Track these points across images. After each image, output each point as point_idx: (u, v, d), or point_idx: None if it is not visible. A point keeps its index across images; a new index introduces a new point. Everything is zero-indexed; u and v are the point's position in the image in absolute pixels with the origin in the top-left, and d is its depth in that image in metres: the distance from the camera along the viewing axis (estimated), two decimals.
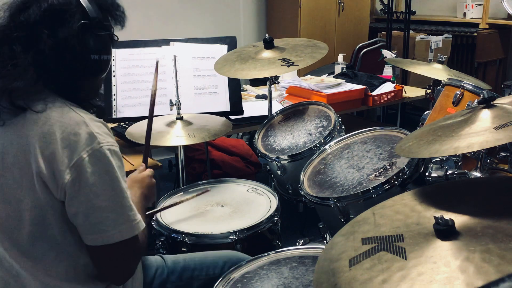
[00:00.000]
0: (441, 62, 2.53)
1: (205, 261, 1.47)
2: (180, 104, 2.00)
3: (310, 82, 3.05)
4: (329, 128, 2.02)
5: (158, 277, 1.42)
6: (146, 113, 1.58)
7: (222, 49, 2.54)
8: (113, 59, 2.39)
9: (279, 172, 2.02)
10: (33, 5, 1.11)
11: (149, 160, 2.21)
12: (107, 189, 1.09)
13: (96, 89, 1.27)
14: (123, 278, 1.21)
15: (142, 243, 1.19)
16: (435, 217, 0.88)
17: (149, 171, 1.47)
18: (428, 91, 2.47)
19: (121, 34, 1.27)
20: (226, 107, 2.45)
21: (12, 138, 1.11)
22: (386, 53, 3.38)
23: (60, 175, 1.06)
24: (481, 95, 1.20)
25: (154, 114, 1.62)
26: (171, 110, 2.02)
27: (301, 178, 1.80)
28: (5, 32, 1.11)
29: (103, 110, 2.39)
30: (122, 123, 2.47)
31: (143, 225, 1.16)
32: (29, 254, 1.13)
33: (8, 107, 1.11)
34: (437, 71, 2.44)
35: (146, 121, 2.04)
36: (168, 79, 2.44)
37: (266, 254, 1.45)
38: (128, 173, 2.09)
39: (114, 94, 2.37)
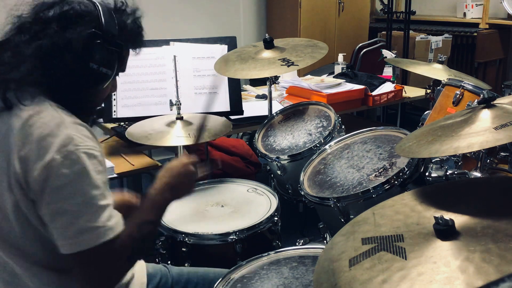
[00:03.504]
0: (441, 62, 2.53)
1: (207, 277, 1.47)
2: (180, 104, 2.00)
3: (310, 82, 3.05)
4: (329, 128, 2.02)
5: (162, 286, 1.42)
6: (146, 113, 1.59)
7: (222, 49, 2.54)
8: None
9: (279, 172, 2.02)
10: (57, 5, 1.14)
11: (149, 160, 2.22)
12: (76, 193, 1.05)
13: (92, 103, 1.24)
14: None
15: (129, 245, 1.12)
16: (435, 217, 0.88)
17: (187, 158, 1.31)
18: (428, 91, 2.47)
19: None
20: (226, 107, 2.45)
21: None
22: (386, 53, 3.38)
23: (30, 174, 1.04)
24: (481, 95, 1.20)
25: (154, 114, 1.61)
26: (171, 110, 2.02)
27: (301, 178, 1.80)
28: (23, 23, 1.14)
29: (103, 110, 2.40)
30: (122, 123, 2.47)
31: (114, 231, 1.08)
32: (24, 251, 1.13)
33: None
34: (437, 71, 2.44)
35: (146, 121, 2.05)
36: (168, 79, 2.44)
37: (266, 254, 1.45)
38: (128, 173, 2.11)
39: (114, 94, 2.37)
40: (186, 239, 1.63)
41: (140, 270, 1.40)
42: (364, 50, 4.47)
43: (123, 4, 1.23)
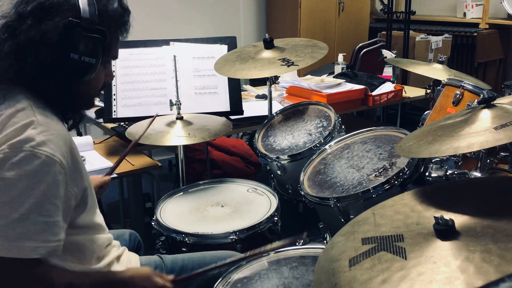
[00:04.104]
0: (441, 62, 2.53)
1: (203, 261, 1.46)
2: (180, 104, 2.00)
3: (310, 82, 3.05)
4: (329, 128, 2.02)
5: None
6: (146, 113, 1.59)
7: (222, 49, 2.54)
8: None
9: (279, 172, 2.01)
10: None
11: (149, 160, 2.22)
12: (6, 191, 1.00)
13: (84, 97, 1.20)
14: None
15: (49, 280, 1.06)
16: (435, 217, 0.88)
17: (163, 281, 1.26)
18: (428, 91, 2.47)
19: None
20: (226, 107, 2.45)
21: None
22: (386, 53, 3.38)
23: None
24: (481, 95, 1.20)
25: (154, 114, 1.60)
26: (171, 110, 2.02)
27: (301, 178, 1.80)
28: (6, 23, 1.12)
29: (102, 110, 2.40)
30: (122, 123, 2.47)
31: (38, 253, 1.02)
32: None
33: None
34: (437, 71, 2.44)
35: (146, 121, 2.05)
36: (168, 79, 2.44)
37: (266, 254, 1.45)
38: (128, 173, 2.11)
39: (114, 94, 2.37)
40: (186, 239, 1.63)
41: (134, 262, 1.39)
42: (364, 50, 4.47)
43: None
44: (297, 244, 1.46)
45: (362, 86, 3.03)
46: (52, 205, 1.04)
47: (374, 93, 3.07)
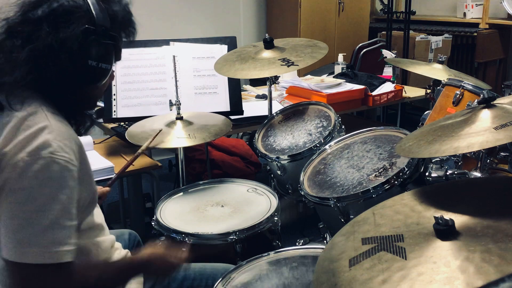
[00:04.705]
0: (441, 62, 2.53)
1: (204, 272, 1.47)
2: (180, 104, 2.00)
3: (310, 82, 3.05)
4: (329, 128, 2.02)
5: (159, 284, 1.42)
6: (146, 113, 1.59)
7: (222, 49, 2.54)
8: None
9: (279, 172, 2.01)
10: (44, 3, 1.10)
11: (149, 160, 2.22)
12: (34, 200, 1.00)
13: (91, 100, 1.23)
14: None
15: (73, 281, 1.07)
16: (435, 217, 0.88)
17: (177, 252, 1.32)
18: (428, 91, 2.46)
19: None
20: (226, 107, 2.45)
21: None
22: (386, 53, 3.38)
23: (1, 171, 1.02)
24: (481, 95, 1.20)
25: (154, 114, 1.61)
26: (171, 110, 2.02)
27: (301, 178, 1.80)
28: (12, 26, 1.11)
29: (102, 110, 2.39)
30: (122, 123, 2.47)
31: (65, 258, 1.03)
32: None
33: None
34: (437, 71, 2.44)
35: (146, 121, 2.05)
36: (168, 79, 2.44)
37: (266, 254, 1.45)
38: (128, 173, 2.10)
39: (114, 94, 2.37)
40: (186, 239, 1.63)
41: None
42: (364, 50, 4.47)
43: None
44: (297, 244, 1.46)
45: (362, 86, 3.03)
46: (75, 208, 1.07)
47: (374, 93, 3.07)
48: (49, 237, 1.01)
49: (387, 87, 3.19)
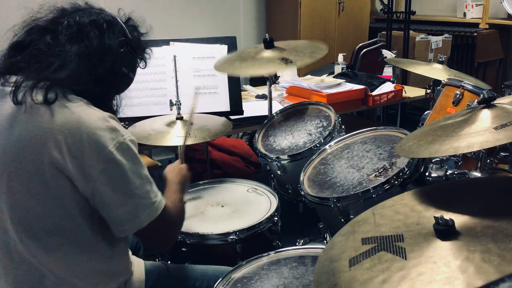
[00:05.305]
0: (441, 62, 2.53)
1: (206, 274, 1.48)
2: (180, 104, 2.00)
3: (310, 82, 3.05)
4: (329, 128, 2.02)
5: (160, 282, 1.42)
6: (146, 113, 1.60)
7: (222, 49, 2.54)
8: None
9: (279, 172, 2.02)
10: (81, 12, 1.21)
11: (149, 159, 2.22)
12: (136, 177, 1.16)
13: (111, 103, 1.35)
14: (166, 247, 1.38)
15: (175, 213, 1.31)
16: (435, 217, 0.88)
17: (185, 166, 1.60)
18: (428, 91, 2.46)
19: None
20: (226, 107, 2.45)
21: (30, 128, 1.11)
22: (386, 53, 3.38)
23: (90, 170, 1.10)
24: (481, 95, 1.20)
25: (154, 114, 1.62)
26: (171, 110, 2.02)
27: (301, 178, 1.80)
28: (49, 25, 1.19)
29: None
30: (122, 123, 2.46)
31: (163, 203, 1.24)
32: (45, 246, 1.14)
33: (31, 98, 1.12)
34: (437, 71, 2.44)
35: (146, 121, 2.05)
36: (168, 79, 2.44)
37: (266, 254, 1.45)
38: None
39: None
40: (186, 239, 1.63)
41: (138, 268, 1.40)
42: (364, 50, 4.47)
43: (129, 18, 1.33)
44: (297, 244, 1.46)
45: (362, 86, 3.03)
46: (146, 169, 1.23)
47: (374, 93, 3.07)
48: (155, 194, 1.22)
49: (387, 87, 3.19)
